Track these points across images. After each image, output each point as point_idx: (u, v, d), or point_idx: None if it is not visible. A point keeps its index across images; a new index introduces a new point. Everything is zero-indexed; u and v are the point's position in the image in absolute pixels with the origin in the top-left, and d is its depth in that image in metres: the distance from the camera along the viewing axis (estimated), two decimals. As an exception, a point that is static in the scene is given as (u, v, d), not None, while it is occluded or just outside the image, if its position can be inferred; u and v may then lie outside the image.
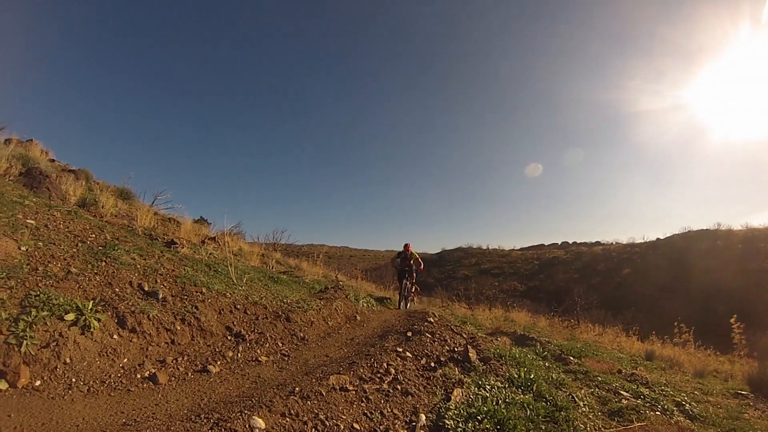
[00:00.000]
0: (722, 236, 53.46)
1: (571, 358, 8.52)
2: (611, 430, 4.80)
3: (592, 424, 4.74)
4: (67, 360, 3.67)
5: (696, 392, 7.65)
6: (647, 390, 6.69)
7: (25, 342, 3.49)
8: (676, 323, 14.60)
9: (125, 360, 4.02)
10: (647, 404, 5.93)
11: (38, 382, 3.38)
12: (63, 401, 3.23)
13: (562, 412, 4.51)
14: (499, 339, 9.09)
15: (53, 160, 13.16)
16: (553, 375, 6.23)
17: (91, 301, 4.21)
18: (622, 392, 6.32)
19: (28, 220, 5.79)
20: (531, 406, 4.39)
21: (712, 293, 41.87)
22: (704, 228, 56.96)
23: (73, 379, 3.57)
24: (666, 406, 5.93)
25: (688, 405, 6.24)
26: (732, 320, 12.65)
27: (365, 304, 9.27)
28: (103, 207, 8.66)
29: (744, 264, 45.64)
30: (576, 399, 5.40)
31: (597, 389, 6.39)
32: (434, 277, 50.73)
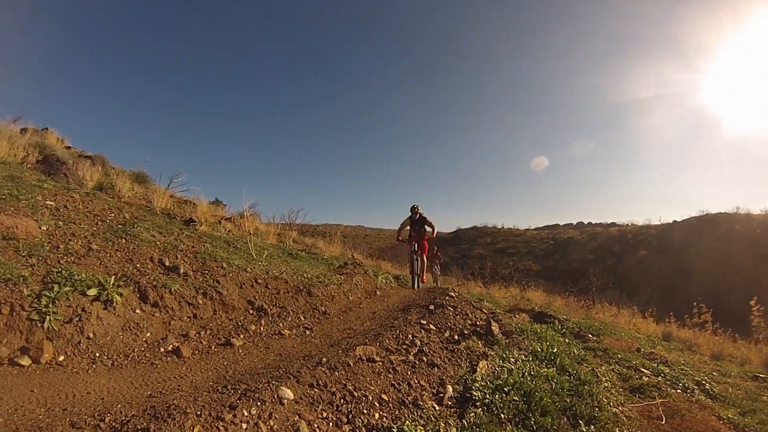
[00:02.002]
0: (741, 220, 52.53)
1: (590, 335, 8.47)
2: (634, 405, 4.75)
3: (615, 399, 4.70)
4: (91, 335, 3.67)
5: (714, 373, 7.61)
6: (667, 368, 6.64)
7: (48, 317, 3.49)
8: (695, 303, 14.47)
9: (148, 334, 4.02)
10: (668, 382, 5.89)
11: (62, 357, 3.39)
12: (87, 375, 3.23)
13: (585, 386, 4.47)
14: (518, 315, 9.06)
15: (69, 147, 13.23)
16: (574, 351, 6.19)
17: (113, 277, 4.21)
18: (642, 369, 6.28)
19: (47, 202, 5.81)
20: (555, 380, 4.35)
21: (729, 278, 41.48)
22: (722, 211, 56.03)
23: (97, 354, 3.58)
24: (686, 385, 5.87)
25: (707, 385, 6.19)
26: (752, 303, 12.53)
27: (384, 281, 9.26)
28: (119, 191, 8.68)
29: (762, 249, 44.99)
30: (598, 374, 5.36)
31: (617, 366, 6.36)
32: (449, 256, 50.57)
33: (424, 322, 5.18)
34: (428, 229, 11.19)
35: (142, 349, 3.84)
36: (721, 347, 11.80)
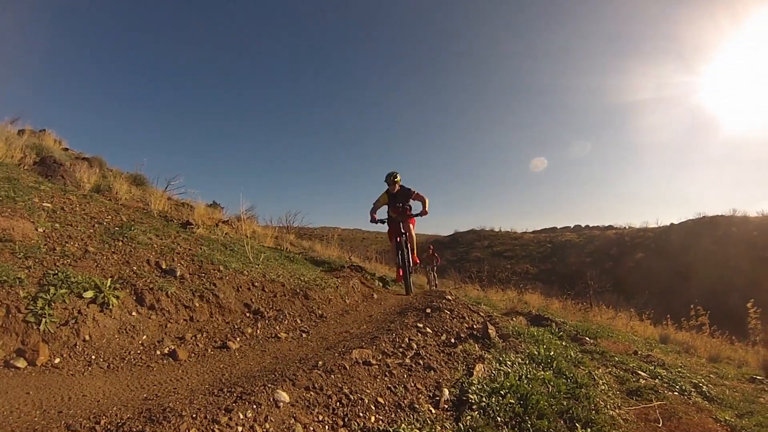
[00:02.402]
0: (738, 223, 52.74)
1: (587, 338, 8.46)
2: (631, 408, 4.76)
3: (612, 402, 4.70)
4: (87, 337, 3.68)
5: (711, 375, 7.62)
6: (664, 371, 6.64)
7: (44, 320, 3.49)
8: (692, 306, 14.53)
9: (144, 337, 4.02)
10: (665, 384, 5.88)
11: (57, 360, 3.39)
12: (83, 378, 3.23)
13: (582, 389, 4.48)
14: (515, 318, 9.06)
15: (67, 149, 13.27)
16: (571, 353, 6.18)
17: (110, 279, 4.21)
18: (639, 372, 6.28)
19: (44, 204, 5.80)
20: (552, 383, 4.35)
21: (726, 280, 41.57)
22: (719, 214, 56.20)
23: (93, 357, 3.58)
24: (684, 387, 5.88)
25: (705, 387, 6.18)
26: (749, 305, 12.58)
27: (381, 284, 9.28)
28: (117, 193, 8.68)
29: (759, 251, 45.16)
30: (595, 377, 5.36)
31: (614, 369, 6.36)
32: (447, 259, 50.72)
33: (421, 325, 5.18)
34: (415, 204, 8.78)
35: (138, 351, 3.84)
36: (719, 349, 11.83)
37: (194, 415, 2.36)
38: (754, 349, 12.25)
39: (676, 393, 5.61)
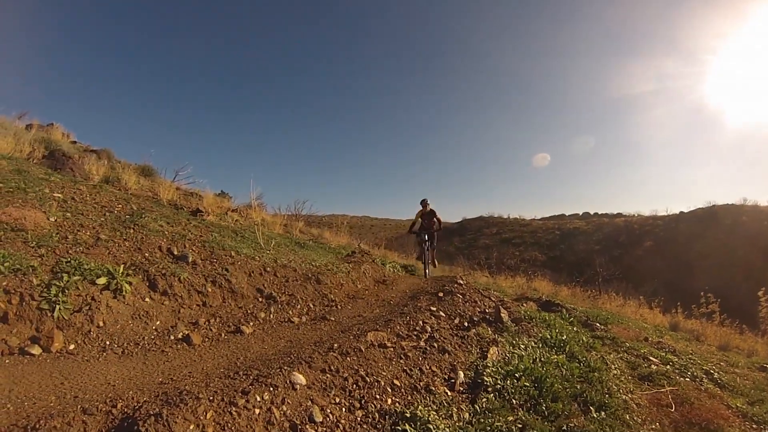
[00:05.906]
0: (748, 212, 51.98)
1: (598, 324, 8.44)
2: (644, 392, 4.75)
3: (625, 386, 4.70)
4: (101, 323, 3.68)
5: (722, 363, 7.60)
6: (675, 358, 6.63)
7: (57, 307, 3.49)
8: (702, 293, 14.42)
9: (158, 322, 4.03)
10: (676, 371, 5.88)
11: (72, 346, 3.39)
12: (98, 363, 3.23)
13: (595, 373, 4.49)
14: (525, 304, 9.04)
15: (75, 142, 13.30)
16: (583, 338, 6.19)
17: (122, 266, 4.21)
18: (651, 358, 6.27)
19: (55, 194, 5.82)
20: (565, 366, 4.36)
21: (735, 269, 41.17)
22: (729, 203, 55.44)
23: (107, 342, 3.58)
24: (695, 374, 5.87)
25: (716, 374, 6.18)
26: (760, 294, 12.50)
27: (391, 269, 9.30)
28: (126, 183, 8.70)
29: (770, 241, 44.61)
30: (607, 362, 5.36)
31: (626, 354, 6.36)
32: (455, 246, 50.59)
33: (434, 308, 5.18)
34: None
35: (152, 337, 3.85)
36: (728, 338, 11.74)
37: (211, 398, 2.35)
38: (764, 339, 12.18)
39: (687, 379, 5.61)
